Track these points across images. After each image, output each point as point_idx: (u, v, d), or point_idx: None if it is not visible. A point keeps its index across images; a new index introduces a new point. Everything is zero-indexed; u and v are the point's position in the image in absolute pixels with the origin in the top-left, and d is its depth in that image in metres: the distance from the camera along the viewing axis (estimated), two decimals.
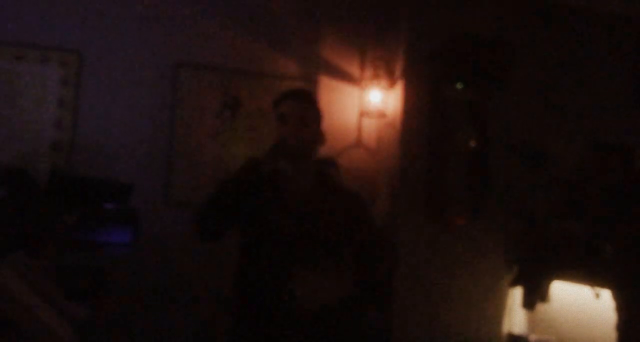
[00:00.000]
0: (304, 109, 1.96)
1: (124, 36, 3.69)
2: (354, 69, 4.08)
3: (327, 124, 4.04)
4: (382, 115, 3.99)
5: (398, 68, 3.90)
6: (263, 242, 1.93)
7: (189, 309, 3.57)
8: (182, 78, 3.77)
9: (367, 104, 3.99)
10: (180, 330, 3.52)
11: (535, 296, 3.65)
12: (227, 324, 2.06)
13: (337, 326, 1.95)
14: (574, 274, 3.52)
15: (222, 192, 1.86)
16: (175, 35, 3.77)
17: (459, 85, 3.75)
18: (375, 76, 3.98)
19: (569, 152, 3.86)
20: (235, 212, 1.89)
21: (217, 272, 3.72)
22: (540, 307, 3.69)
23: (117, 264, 3.21)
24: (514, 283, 3.74)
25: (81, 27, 3.62)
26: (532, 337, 3.72)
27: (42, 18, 3.55)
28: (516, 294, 3.81)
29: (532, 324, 3.79)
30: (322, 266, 1.85)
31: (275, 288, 1.87)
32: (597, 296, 3.34)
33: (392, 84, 3.95)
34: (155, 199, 3.66)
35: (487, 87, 3.78)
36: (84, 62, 3.61)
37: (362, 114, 4.04)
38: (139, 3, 3.72)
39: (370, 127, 4.10)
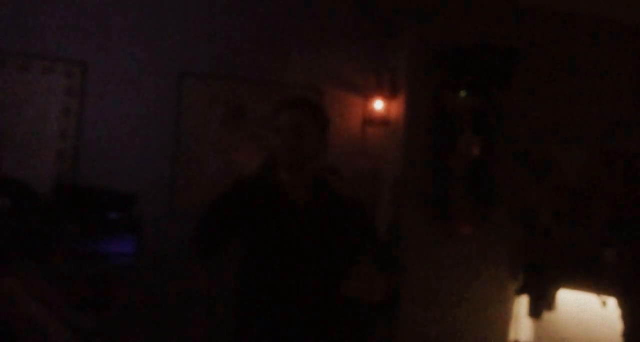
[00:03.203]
0: (301, 119, 1.92)
1: (128, 46, 3.71)
2: (357, 77, 4.09)
3: (331, 132, 4.06)
4: (385, 123, 3.99)
5: (401, 76, 3.91)
6: (265, 252, 1.93)
7: (193, 318, 3.56)
8: (186, 87, 3.79)
9: (370, 112, 4.00)
10: (185, 339, 3.51)
11: (541, 304, 3.62)
12: (232, 333, 2.05)
13: (342, 333, 1.95)
14: (580, 282, 3.50)
15: (214, 211, 1.86)
16: (179, 45, 3.79)
17: (462, 93, 3.75)
18: (379, 85, 3.99)
19: (574, 159, 3.84)
20: (229, 229, 1.89)
21: (222, 281, 3.73)
22: (547, 316, 3.66)
23: (121, 273, 3.20)
24: (520, 291, 3.72)
25: (86, 37, 3.64)
26: None
27: (48, 29, 3.57)
28: (522, 303, 3.79)
29: (538, 333, 3.76)
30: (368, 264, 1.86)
31: (280, 298, 1.87)
32: (604, 303, 3.32)
33: (395, 92, 3.96)
34: (159, 209, 3.66)
35: (490, 94, 3.78)
36: (88, 72, 3.63)
37: (366, 122, 4.05)
38: (142, 14, 3.75)
39: (373, 135, 4.10)
